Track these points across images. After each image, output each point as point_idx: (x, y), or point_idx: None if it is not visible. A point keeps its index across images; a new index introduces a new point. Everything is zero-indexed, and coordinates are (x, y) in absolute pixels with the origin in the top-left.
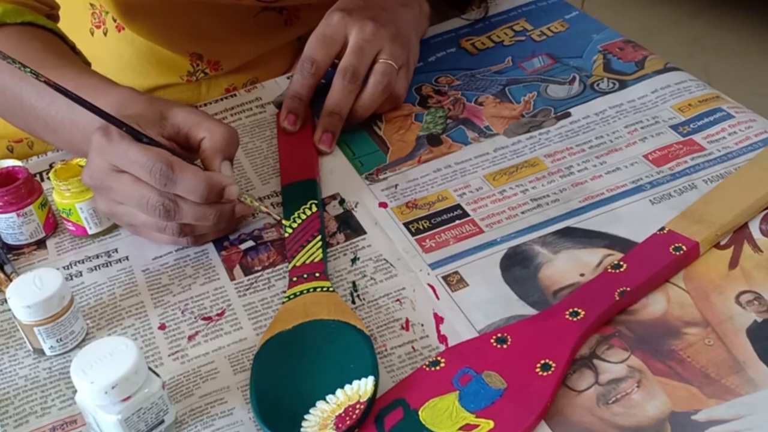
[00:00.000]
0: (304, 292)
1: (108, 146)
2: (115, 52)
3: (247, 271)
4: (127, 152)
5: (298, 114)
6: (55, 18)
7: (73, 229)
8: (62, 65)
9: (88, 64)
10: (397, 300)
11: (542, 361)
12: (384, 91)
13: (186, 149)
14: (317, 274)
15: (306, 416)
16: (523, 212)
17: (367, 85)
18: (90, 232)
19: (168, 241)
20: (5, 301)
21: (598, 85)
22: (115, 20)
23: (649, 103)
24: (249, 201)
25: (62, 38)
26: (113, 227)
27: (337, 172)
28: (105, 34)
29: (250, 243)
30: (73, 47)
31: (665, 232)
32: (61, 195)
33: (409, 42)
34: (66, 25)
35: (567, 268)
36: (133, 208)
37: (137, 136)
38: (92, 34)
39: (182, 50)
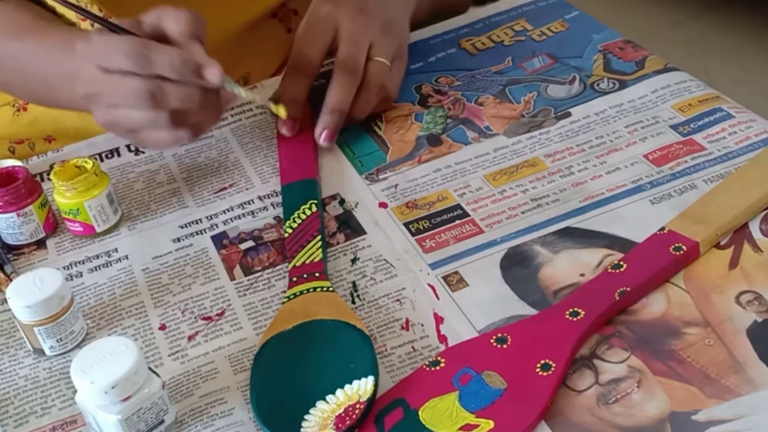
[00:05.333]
0: (304, 292)
1: (89, 48)
2: None
3: (247, 271)
4: (108, 46)
5: (297, 118)
6: None
7: (79, 230)
8: (57, 27)
9: None
10: (397, 300)
11: (542, 361)
12: (378, 93)
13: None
14: (317, 274)
15: (306, 416)
16: (523, 212)
17: (361, 89)
18: (98, 229)
19: (168, 140)
20: (5, 301)
21: (598, 85)
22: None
23: (649, 103)
24: (236, 90)
25: (49, 10)
26: (118, 224)
27: (337, 172)
28: (92, 26)
29: (250, 243)
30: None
31: (665, 232)
32: (62, 195)
33: (400, 28)
34: None
35: (567, 268)
36: (124, 106)
37: (114, 30)
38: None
39: None
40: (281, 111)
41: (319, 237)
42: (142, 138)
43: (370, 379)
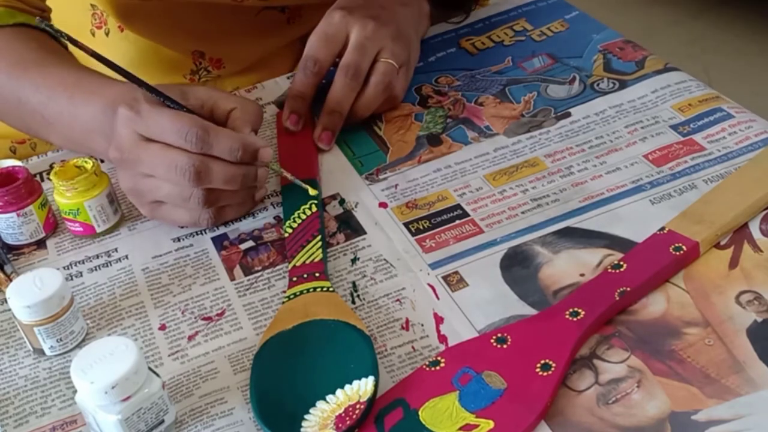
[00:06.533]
0: (304, 292)
1: (136, 117)
2: (117, 51)
3: (247, 271)
4: (159, 120)
5: (301, 113)
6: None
7: (79, 230)
8: (61, 63)
9: None
10: (397, 300)
11: (542, 361)
12: (384, 91)
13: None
14: (317, 274)
15: (306, 416)
16: (523, 212)
17: (368, 85)
18: (98, 230)
19: (188, 220)
20: (5, 301)
21: (598, 85)
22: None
23: (649, 103)
24: (276, 167)
25: (56, 39)
26: (118, 224)
27: (337, 172)
28: (107, 34)
29: (250, 243)
30: (65, 47)
31: (665, 232)
32: (62, 195)
33: (410, 41)
34: (66, 26)
35: (567, 268)
36: (161, 176)
37: (170, 105)
38: (93, 35)
39: (183, 49)
40: (310, 191)
41: (319, 237)
42: (162, 212)
43: (370, 379)
